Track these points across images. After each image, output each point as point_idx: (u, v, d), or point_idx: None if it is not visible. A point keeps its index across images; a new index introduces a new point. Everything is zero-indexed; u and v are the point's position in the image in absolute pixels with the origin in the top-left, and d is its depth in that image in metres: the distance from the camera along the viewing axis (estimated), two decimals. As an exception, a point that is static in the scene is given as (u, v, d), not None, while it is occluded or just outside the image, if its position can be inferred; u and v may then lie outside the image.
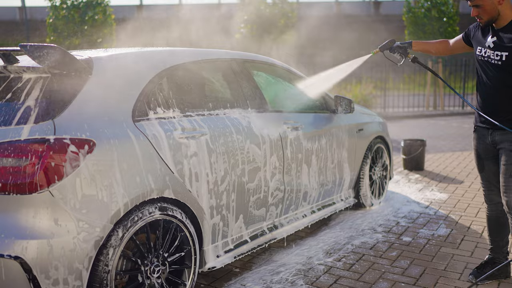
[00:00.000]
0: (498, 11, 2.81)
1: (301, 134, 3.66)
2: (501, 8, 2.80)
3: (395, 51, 3.38)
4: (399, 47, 3.37)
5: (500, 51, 2.81)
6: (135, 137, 2.50)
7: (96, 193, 2.29)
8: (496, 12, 2.81)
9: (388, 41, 3.41)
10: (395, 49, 3.38)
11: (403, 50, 3.36)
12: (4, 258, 2.09)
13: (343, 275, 3.24)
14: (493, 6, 2.80)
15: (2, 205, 2.16)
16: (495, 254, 3.18)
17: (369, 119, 4.79)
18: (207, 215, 2.88)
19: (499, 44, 2.82)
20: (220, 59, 3.38)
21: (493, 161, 3.02)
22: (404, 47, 3.36)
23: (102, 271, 2.31)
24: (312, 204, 3.94)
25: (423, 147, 6.39)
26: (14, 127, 2.25)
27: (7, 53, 2.49)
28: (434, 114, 14.40)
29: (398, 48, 3.37)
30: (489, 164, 3.05)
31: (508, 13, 2.82)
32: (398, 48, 3.37)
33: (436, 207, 4.76)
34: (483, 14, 2.83)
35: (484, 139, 3.02)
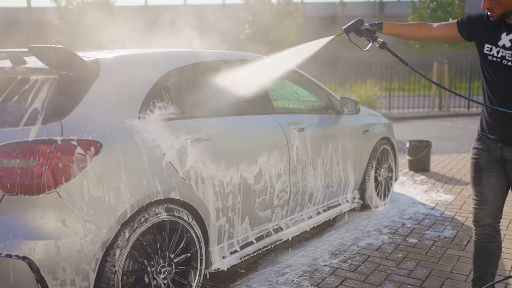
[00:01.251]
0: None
1: (307, 135, 3.66)
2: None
3: (363, 34, 2.84)
4: (367, 29, 2.82)
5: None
6: (142, 138, 2.51)
7: (103, 194, 2.30)
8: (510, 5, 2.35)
9: (355, 21, 2.86)
10: (363, 31, 2.83)
11: (371, 34, 2.82)
12: (12, 258, 2.10)
13: (348, 277, 3.24)
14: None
15: (10, 205, 2.18)
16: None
17: (375, 120, 4.78)
18: (213, 217, 2.89)
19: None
20: (227, 60, 3.38)
21: (494, 176, 2.63)
22: (373, 30, 2.82)
23: (109, 271, 2.32)
24: (318, 205, 3.94)
25: (429, 148, 6.37)
26: (22, 128, 2.26)
27: (15, 54, 2.50)
28: (440, 115, 14.36)
29: (366, 31, 2.82)
30: (489, 178, 2.63)
31: None
32: (366, 31, 2.82)
33: (442, 209, 4.75)
34: (497, 6, 2.37)
35: (490, 152, 2.63)
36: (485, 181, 2.65)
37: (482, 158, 2.65)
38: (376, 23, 2.84)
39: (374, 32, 2.83)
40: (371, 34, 2.82)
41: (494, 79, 2.51)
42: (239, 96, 3.37)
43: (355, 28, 2.84)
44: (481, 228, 2.68)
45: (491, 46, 2.49)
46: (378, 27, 2.83)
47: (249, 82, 3.42)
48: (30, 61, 2.56)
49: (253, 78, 3.44)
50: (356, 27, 2.84)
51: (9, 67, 2.51)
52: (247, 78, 3.43)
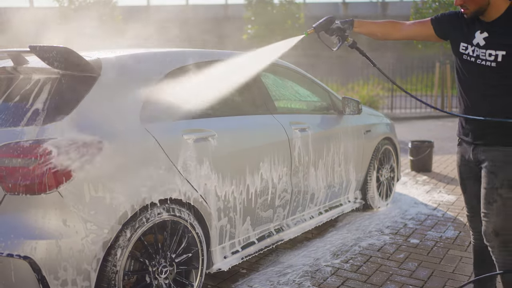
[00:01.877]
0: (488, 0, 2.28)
1: (309, 135, 3.65)
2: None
3: (333, 33, 2.69)
4: (338, 28, 2.67)
5: (495, 50, 2.28)
6: (143, 138, 2.51)
7: (104, 194, 2.30)
8: (485, 1, 2.28)
9: (326, 18, 2.70)
10: (334, 30, 2.67)
11: (341, 33, 2.68)
12: (13, 258, 2.10)
13: (350, 277, 3.23)
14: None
15: (11, 205, 2.18)
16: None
17: (377, 120, 4.78)
18: (215, 217, 2.89)
19: (493, 41, 2.29)
20: (229, 59, 3.37)
21: (474, 182, 2.54)
22: (343, 28, 2.67)
23: (110, 271, 2.31)
24: (319, 206, 3.94)
25: (431, 148, 6.36)
26: (23, 127, 2.26)
27: (17, 54, 2.51)
28: (442, 116, 14.33)
29: (337, 29, 2.67)
30: (471, 186, 2.57)
31: (501, 2, 2.29)
32: (337, 30, 2.67)
33: (444, 209, 4.74)
34: (470, 3, 2.30)
35: (466, 156, 2.53)
36: (469, 190, 2.60)
37: (462, 166, 2.60)
38: (348, 20, 2.69)
39: (344, 30, 2.68)
40: (342, 33, 2.68)
41: (468, 79, 2.42)
42: (241, 96, 3.37)
43: (326, 27, 2.69)
44: (478, 234, 2.63)
45: (466, 44, 2.40)
46: (349, 25, 2.69)
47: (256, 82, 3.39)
48: (31, 61, 2.56)
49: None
50: (327, 25, 2.68)
51: (11, 67, 2.51)
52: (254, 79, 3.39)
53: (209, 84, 3.29)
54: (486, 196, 2.39)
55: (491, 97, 2.35)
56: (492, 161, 2.37)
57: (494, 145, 2.38)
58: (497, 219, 2.35)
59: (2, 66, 2.54)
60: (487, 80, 2.34)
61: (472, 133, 2.46)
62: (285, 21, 17.23)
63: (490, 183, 2.37)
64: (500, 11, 2.30)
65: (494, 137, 2.38)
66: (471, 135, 2.47)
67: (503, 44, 2.26)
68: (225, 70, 3.39)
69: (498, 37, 2.28)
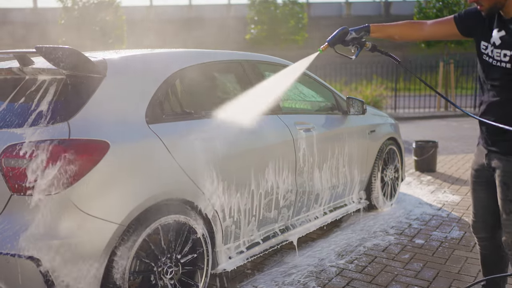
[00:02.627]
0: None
1: (313, 135, 3.65)
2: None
3: (350, 44, 2.59)
4: (354, 38, 2.56)
5: (510, 50, 2.12)
6: (149, 139, 2.51)
7: (110, 194, 2.30)
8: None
9: (339, 31, 2.56)
10: (350, 41, 2.57)
11: (358, 41, 2.58)
12: (20, 258, 2.11)
13: (355, 277, 3.23)
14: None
15: (18, 205, 2.18)
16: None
17: (381, 120, 4.77)
18: (220, 217, 2.89)
19: (509, 41, 2.12)
20: (233, 60, 3.39)
21: (483, 188, 2.47)
22: (360, 36, 2.57)
23: (116, 272, 2.32)
24: (324, 206, 3.93)
25: (435, 148, 6.35)
26: (30, 128, 2.27)
27: (23, 55, 2.51)
28: (446, 115, 14.32)
29: (353, 39, 2.57)
30: (478, 191, 2.49)
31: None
32: (353, 40, 2.57)
33: (449, 209, 4.72)
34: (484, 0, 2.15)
35: (480, 159, 2.43)
36: (475, 195, 2.54)
37: (475, 169, 2.51)
38: (363, 27, 2.58)
39: (361, 38, 2.59)
40: (359, 40, 2.59)
41: (485, 80, 2.31)
42: (246, 96, 3.37)
43: (341, 39, 2.57)
44: (479, 239, 2.60)
45: (486, 44, 2.25)
46: (366, 31, 2.58)
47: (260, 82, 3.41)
48: (37, 62, 2.57)
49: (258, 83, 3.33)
50: (342, 38, 2.56)
51: (17, 68, 2.52)
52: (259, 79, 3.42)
53: (213, 84, 3.31)
54: (503, 207, 2.31)
55: (506, 102, 2.21)
56: (504, 171, 2.28)
57: (506, 155, 2.27)
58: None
59: (8, 67, 2.55)
60: (503, 83, 2.20)
61: (487, 139, 2.37)
62: (288, 21, 17.22)
63: (504, 194, 2.29)
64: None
65: (507, 146, 2.26)
66: (486, 141, 2.38)
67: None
68: (229, 71, 3.40)
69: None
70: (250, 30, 17.84)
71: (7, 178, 2.18)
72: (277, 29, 17.12)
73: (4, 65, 2.67)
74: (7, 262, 2.13)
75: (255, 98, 3.27)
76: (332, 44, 2.57)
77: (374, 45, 2.62)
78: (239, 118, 3.16)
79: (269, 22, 17.03)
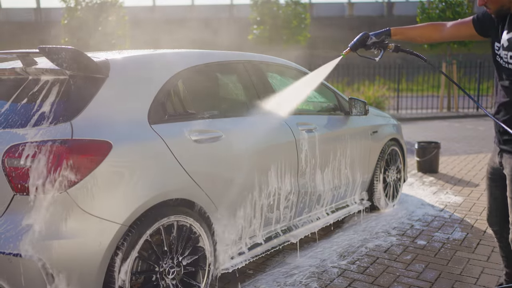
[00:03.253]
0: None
1: (316, 136, 3.65)
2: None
3: (371, 48, 2.73)
4: (375, 42, 2.69)
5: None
6: (151, 139, 2.52)
7: (112, 194, 2.31)
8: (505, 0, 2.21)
9: (360, 36, 2.71)
10: (371, 45, 2.71)
11: (380, 44, 2.70)
12: (22, 258, 2.11)
13: (357, 278, 3.22)
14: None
15: (20, 205, 2.19)
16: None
17: (383, 121, 4.76)
18: (222, 217, 2.89)
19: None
20: (235, 61, 3.39)
21: (497, 184, 2.55)
22: (381, 39, 2.69)
23: (118, 272, 2.32)
24: (326, 207, 3.93)
25: (438, 149, 6.34)
26: (32, 128, 2.28)
27: (26, 55, 2.52)
28: (448, 116, 14.29)
29: (374, 43, 2.70)
30: (492, 187, 2.59)
31: None
32: (375, 44, 2.70)
33: (451, 210, 4.72)
34: (490, 3, 2.25)
35: (494, 156, 2.52)
36: (489, 190, 2.63)
37: (491, 167, 2.60)
38: (383, 31, 2.70)
39: (383, 42, 2.70)
40: (381, 43, 2.71)
41: (498, 81, 2.37)
42: (248, 97, 3.38)
43: (362, 44, 2.71)
44: (494, 232, 2.72)
45: (499, 45, 2.31)
46: (386, 35, 2.70)
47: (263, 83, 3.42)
48: (40, 62, 2.58)
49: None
50: (363, 42, 2.70)
51: (20, 68, 2.53)
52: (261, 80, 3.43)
53: (216, 85, 3.31)
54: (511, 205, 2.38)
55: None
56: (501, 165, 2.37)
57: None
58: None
59: (12, 67, 2.56)
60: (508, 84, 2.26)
61: (499, 138, 2.45)
62: (291, 22, 17.21)
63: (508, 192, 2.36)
64: None
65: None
66: (498, 139, 2.46)
67: None
68: (231, 71, 3.41)
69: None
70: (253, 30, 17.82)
71: (10, 178, 2.19)
72: (280, 30, 17.11)
73: (7, 65, 2.68)
74: (10, 262, 2.13)
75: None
76: (354, 48, 2.72)
77: (397, 46, 2.72)
78: (241, 118, 3.16)
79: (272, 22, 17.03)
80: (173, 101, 2.78)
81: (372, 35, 2.70)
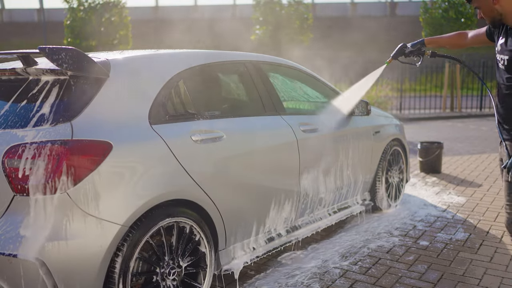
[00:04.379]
0: (498, 11, 2.47)
1: (317, 136, 3.64)
2: (500, 8, 2.45)
3: (410, 55, 3.27)
4: (412, 51, 3.25)
5: (503, 55, 2.51)
6: (152, 140, 2.51)
7: (113, 195, 2.30)
8: (495, 12, 2.48)
9: (399, 47, 3.30)
10: (409, 53, 3.27)
11: (417, 51, 3.24)
12: (22, 259, 2.11)
13: (359, 279, 3.21)
14: (489, 6, 2.48)
15: (20, 206, 2.18)
16: None
17: (386, 121, 4.75)
18: (223, 218, 2.88)
19: (504, 47, 2.51)
20: (237, 61, 3.38)
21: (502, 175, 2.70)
22: (418, 48, 3.23)
23: (118, 273, 2.31)
24: (328, 207, 3.92)
25: (440, 149, 6.31)
26: (32, 128, 2.27)
27: (26, 56, 2.52)
28: (451, 116, 14.25)
29: (412, 52, 3.25)
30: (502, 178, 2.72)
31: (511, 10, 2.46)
32: (412, 52, 3.25)
33: (454, 211, 4.70)
34: (484, 15, 2.55)
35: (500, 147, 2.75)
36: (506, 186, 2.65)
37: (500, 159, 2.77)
38: (418, 42, 3.23)
39: (419, 49, 3.22)
40: (418, 51, 3.23)
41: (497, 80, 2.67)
42: (250, 97, 3.37)
43: (401, 53, 3.29)
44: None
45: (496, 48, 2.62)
46: (421, 44, 3.21)
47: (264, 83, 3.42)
48: (41, 62, 2.57)
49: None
50: (402, 51, 3.28)
51: (20, 68, 2.52)
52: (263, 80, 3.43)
53: (217, 85, 3.30)
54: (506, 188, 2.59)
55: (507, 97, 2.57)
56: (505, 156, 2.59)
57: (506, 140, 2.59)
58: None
59: (12, 68, 2.55)
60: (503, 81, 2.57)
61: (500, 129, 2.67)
62: (294, 22, 17.19)
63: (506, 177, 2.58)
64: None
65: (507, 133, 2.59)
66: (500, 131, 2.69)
67: (509, 50, 2.47)
68: (233, 71, 3.40)
69: (509, 43, 2.49)
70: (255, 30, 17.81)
71: (10, 178, 2.18)
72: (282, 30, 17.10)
73: (7, 65, 2.68)
74: (10, 263, 2.13)
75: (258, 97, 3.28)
76: (395, 57, 3.34)
77: (434, 52, 3.21)
78: (243, 118, 3.15)
79: (274, 22, 17.02)
80: (174, 101, 2.77)
81: (409, 45, 3.25)
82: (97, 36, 15.38)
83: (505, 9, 2.44)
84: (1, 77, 2.63)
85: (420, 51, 3.23)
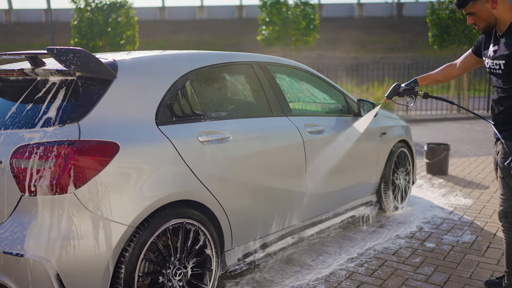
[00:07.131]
0: (495, 15, 2.59)
1: (324, 137, 3.63)
2: (497, 12, 2.58)
3: (404, 95, 3.35)
4: (405, 90, 3.32)
5: (498, 60, 2.62)
6: (159, 141, 2.51)
7: (120, 196, 2.31)
8: (492, 17, 2.60)
9: (393, 87, 3.40)
10: (403, 93, 3.34)
11: (410, 91, 3.31)
12: (30, 259, 2.12)
13: (365, 281, 3.20)
14: (488, 12, 2.58)
15: (28, 206, 2.19)
16: None
17: (392, 122, 4.73)
18: (229, 219, 2.88)
19: (498, 53, 2.63)
20: (243, 62, 3.38)
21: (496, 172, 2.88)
22: (411, 87, 3.30)
23: (124, 273, 2.32)
24: (334, 208, 3.91)
25: (447, 151, 6.28)
26: (40, 129, 2.28)
27: (34, 56, 2.53)
28: (458, 118, 14.19)
29: (406, 91, 3.32)
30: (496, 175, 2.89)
31: (507, 16, 2.59)
32: (406, 91, 3.32)
33: (461, 213, 4.67)
34: (479, 21, 2.65)
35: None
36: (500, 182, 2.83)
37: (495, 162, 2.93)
38: (411, 81, 3.32)
39: (413, 89, 3.30)
40: (411, 91, 3.31)
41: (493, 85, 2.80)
42: (256, 98, 3.37)
43: (395, 93, 3.38)
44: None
45: (486, 59, 2.76)
46: (415, 83, 3.29)
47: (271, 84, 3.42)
48: (48, 63, 2.59)
49: None
50: (396, 91, 3.37)
51: (28, 69, 2.54)
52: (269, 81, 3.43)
53: (223, 86, 3.30)
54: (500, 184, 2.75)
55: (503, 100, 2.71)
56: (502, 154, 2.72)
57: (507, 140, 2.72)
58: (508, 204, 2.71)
59: (20, 68, 2.57)
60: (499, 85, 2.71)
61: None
62: (300, 22, 17.18)
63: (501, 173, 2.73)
64: (506, 24, 2.59)
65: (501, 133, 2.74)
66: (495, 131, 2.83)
67: (503, 55, 2.58)
68: (239, 72, 3.40)
69: (502, 48, 2.59)
70: (262, 31, 17.81)
71: (17, 179, 2.19)
72: (289, 30, 17.09)
73: (16, 66, 2.69)
74: (17, 263, 2.14)
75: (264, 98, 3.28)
76: (389, 97, 3.43)
77: (426, 93, 3.30)
78: (249, 119, 3.15)
79: (281, 23, 17.02)
80: (181, 102, 2.77)
81: (403, 85, 3.35)
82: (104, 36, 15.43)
83: (500, 14, 2.57)
84: (9, 77, 2.65)
85: (413, 91, 3.31)
